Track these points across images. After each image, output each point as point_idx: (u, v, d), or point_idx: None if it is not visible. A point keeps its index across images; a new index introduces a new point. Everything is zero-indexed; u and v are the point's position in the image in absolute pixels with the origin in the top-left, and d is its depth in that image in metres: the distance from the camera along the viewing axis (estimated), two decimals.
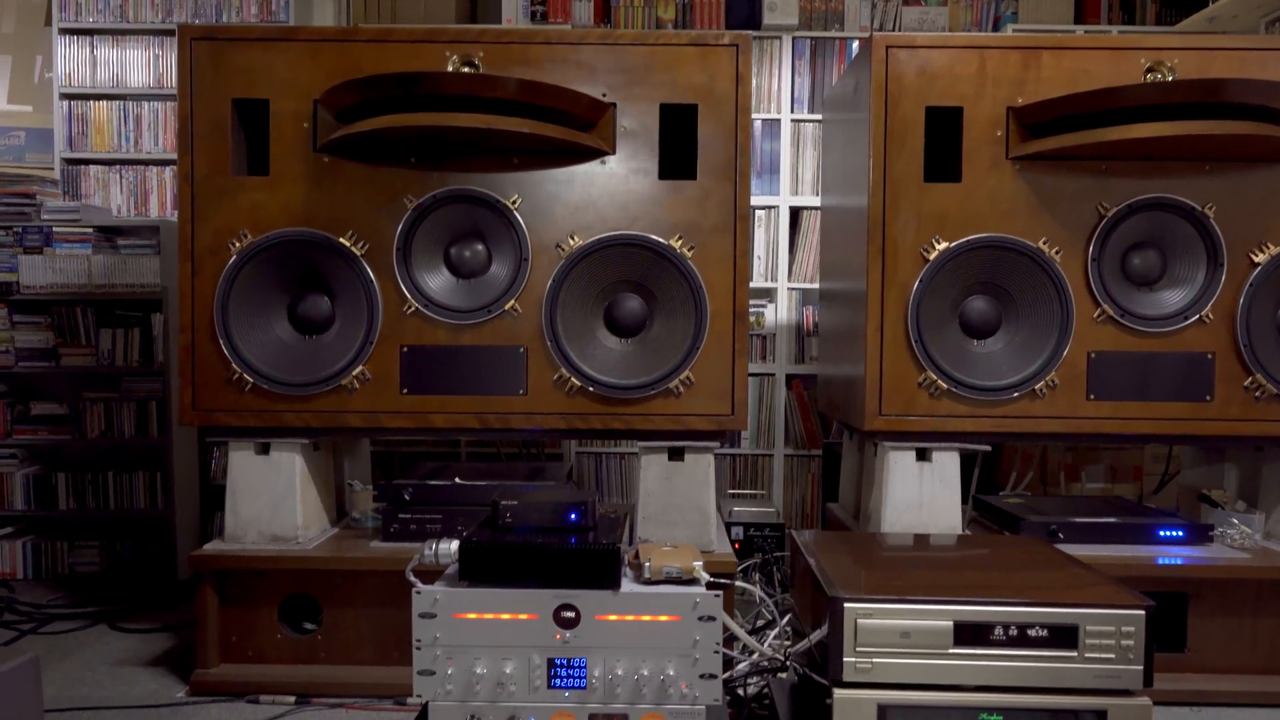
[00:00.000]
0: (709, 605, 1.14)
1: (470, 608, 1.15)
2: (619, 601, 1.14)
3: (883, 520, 1.76)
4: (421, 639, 1.15)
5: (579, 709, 1.15)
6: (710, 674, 1.14)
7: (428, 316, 1.74)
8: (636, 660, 1.14)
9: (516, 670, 1.15)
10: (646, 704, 1.15)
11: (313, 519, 1.85)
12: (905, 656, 1.10)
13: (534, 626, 1.15)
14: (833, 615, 1.11)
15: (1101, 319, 1.74)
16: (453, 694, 1.15)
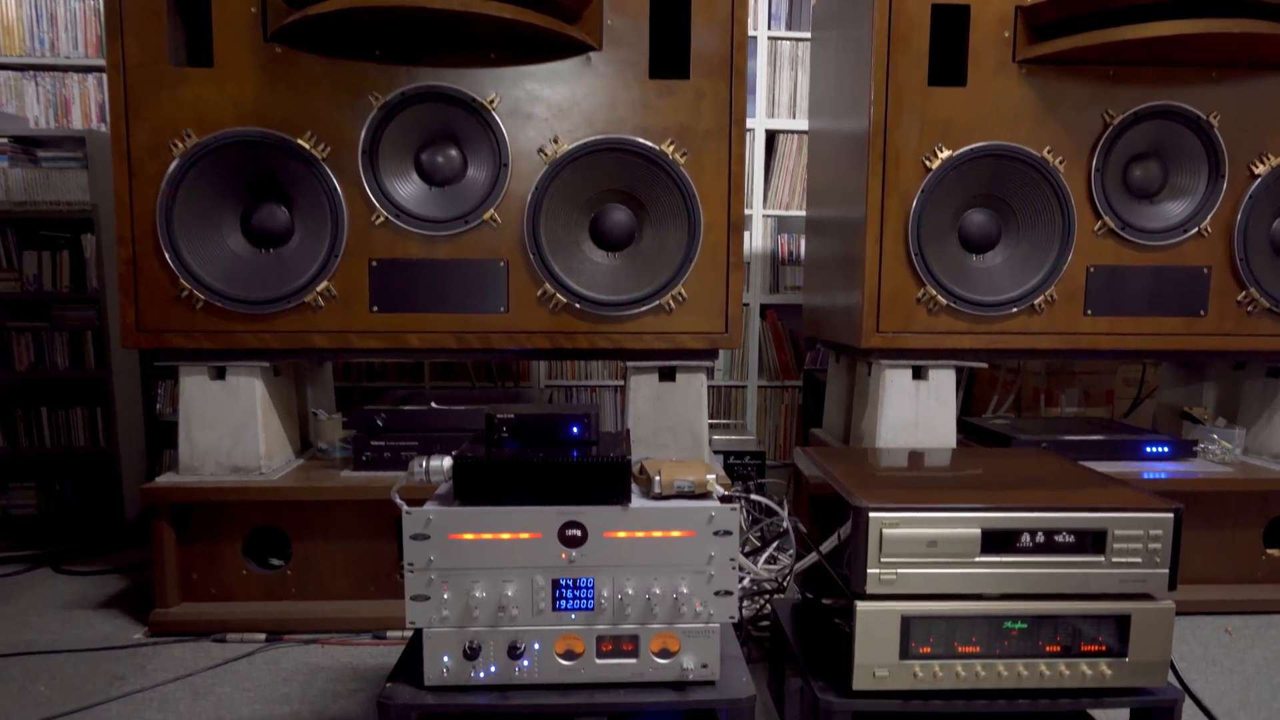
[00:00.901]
0: (725, 519, 1.07)
1: (467, 528, 1.06)
2: (629, 518, 1.07)
3: (877, 440, 1.72)
4: (414, 562, 1.06)
5: (586, 631, 1.08)
6: (726, 591, 1.08)
7: (398, 227, 1.60)
8: (647, 579, 1.07)
9: (518, 593, 1.07)
10: (658, 624, 1.08)
11: (276, 449, 1.72)
12: (931, 566, 1.05)
13: (537, 546, 1.06)
14: (856, 526, 1.05)
15: (1102, 232, 1.69)
16: (449, 620, 1.06)
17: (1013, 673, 1.07)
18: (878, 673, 1.06)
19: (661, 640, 1.09)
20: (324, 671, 1.47)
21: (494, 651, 1.07)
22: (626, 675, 1.09)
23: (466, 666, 1.07)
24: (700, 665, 1.09)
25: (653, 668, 1.09)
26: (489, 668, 1.08)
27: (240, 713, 1.33)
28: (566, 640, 1.08)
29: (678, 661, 1.09)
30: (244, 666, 1.49)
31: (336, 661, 1.51)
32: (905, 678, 1.07)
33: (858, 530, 1.05)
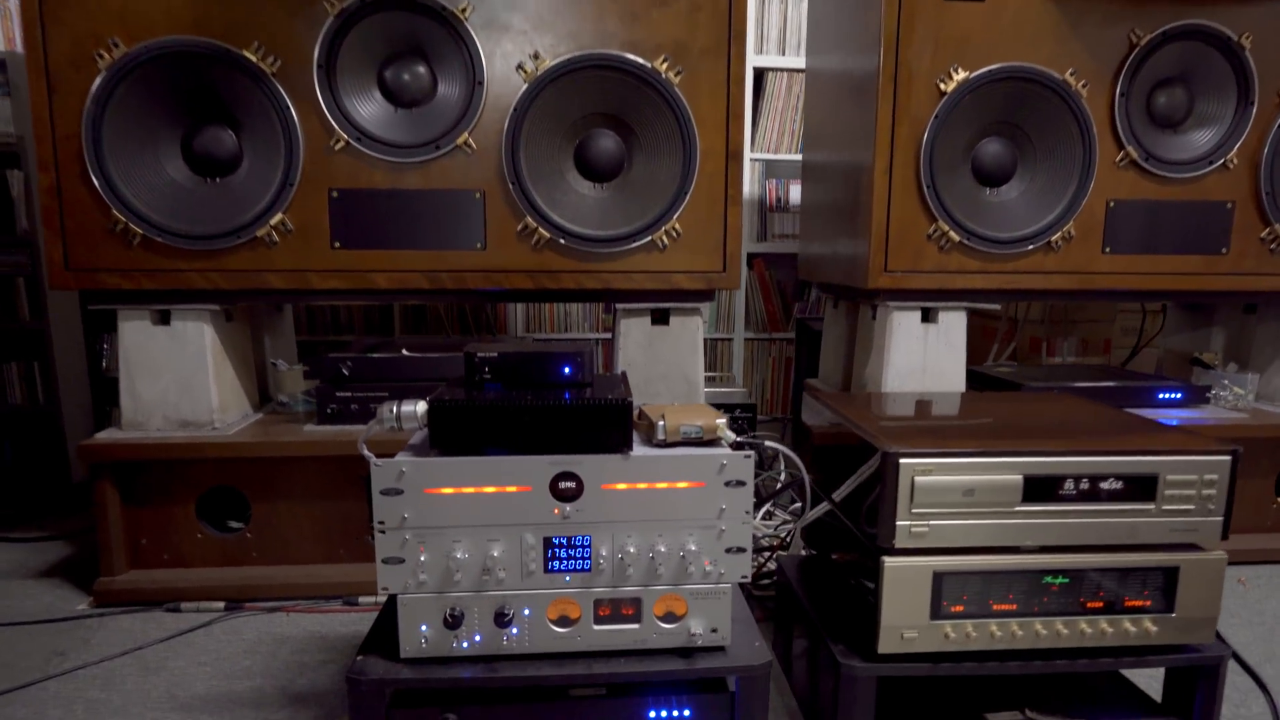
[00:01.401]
0: (738, 468, 0.95)
1: (445, 481, 0.93)
2: (630, 468, 0.94)
3: (883, 388, 1.61)
4: (385, 521, 0.93)
5: (582, 594, 0.96)
6: (738, 547, 0.97)
7: (361, 153, 1.43)
8: (650, 535, 0.96)
9: (505, 554, 0.94)
10: (663, 584, 0.97)
11: (230, 401, 1.56)
12: (966, 517, 0.95)
13: (526, 501, 0.94)
14: (885, 475, 0.94)
15: (1124, 164, 1.58)
16: (427, 584, 0.94)
17: (1051, 631, 0.97)
18: (906, 634, 0.96)
19: (666, 603, 0.98)
20: (290, 642, 1.35)
21: (479, 619, 0.95)
22: (627, 642, 0.98)
23: (448, 636, 0.95)
24: (709, 630, 0.98)
25: (657, 633, 0.98)
26: (473, 637, 0.96)
27: (195, 689, 1.20)
28: (560, 605, 0.97)
29: (684, 626, 0.98)
30: (200, 638, 1.36)
31: (303, 630, 1.39)
32: (935, 639, 0.97)
33: (887, 479, 0.94)
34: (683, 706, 0.99)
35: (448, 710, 0.95)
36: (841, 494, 1.08)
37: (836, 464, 1.12)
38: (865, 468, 0.99)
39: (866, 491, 1.00)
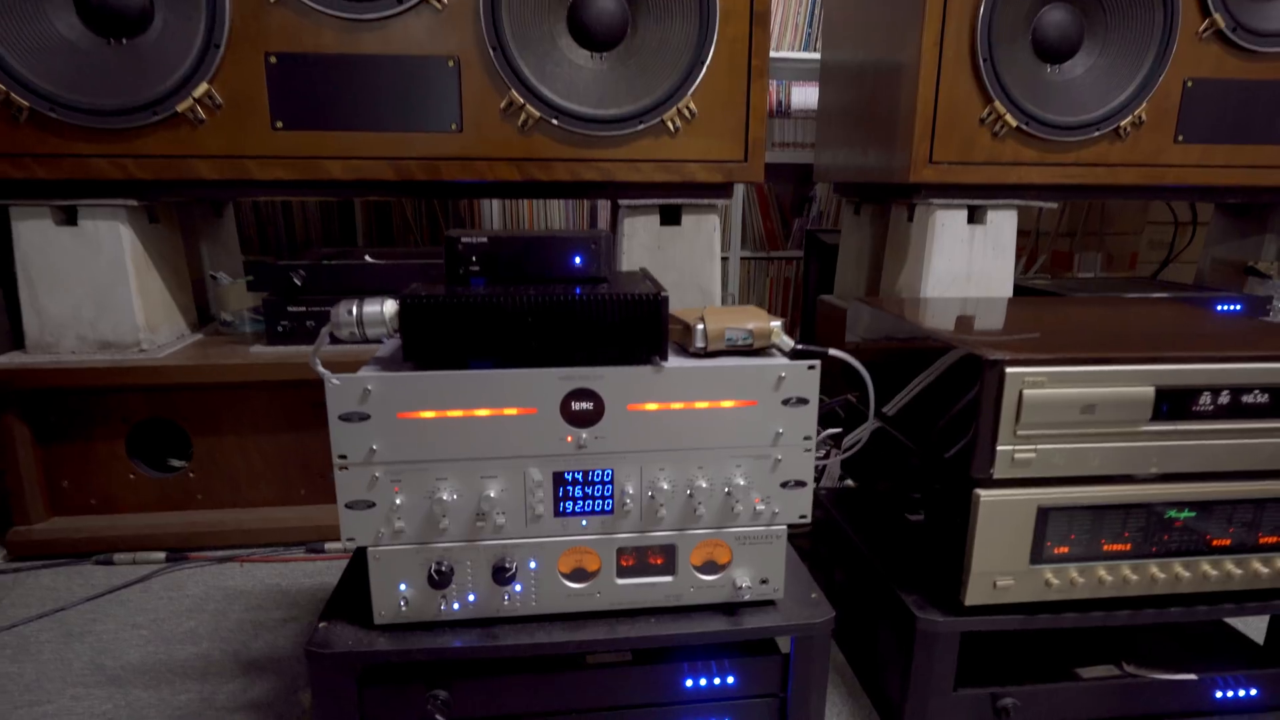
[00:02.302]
0: (800, 382, 0.75)
1: (425, 402, 0.71)
2: (663, 383, 0.74)
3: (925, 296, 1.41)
4: (348, 454, 0.71)
5: (603, 542, 0.77)
6: (798, 481, 0.78)
7: (303, 6, 1.16)
8: (688, 468, 0.76)
9: (505, 494, 0.74)
10: (702, 528, 0.78)
11: (161, 319, 1.32)
12: (1082, 439, 0.76)
13: (531, 427, 0.73)
14: (986, 387, 0.74)
15: (1207, 35, 1.36)
16: (405, 534, 0.73)
17: (1169, 575, 0.81)
18: (999, 583, 0.79)
19: (707, 550, 0.79)
20: (244, 597, 1.15)
21: (472, 575, 0.76)
22: (658, 598, 0.79)
23: (434, 597, 0.75)
24: (758, 580, 0.80)
25: (694, 586, 0.79)
26: (466, 597, 0.76)
27: (128, 657, 1.00)
28: (575, 555, 0.77)
29: (728, 577, 0.79)
30: (135, 596, 1.15)
31: (260, 583, 1.19)
32: (1034, 587, 0.80)
33: (986, 394, 0.75)
34: (725, 673, 0.81)
35: (436, 687, 0.76)
36: (896, 405, 0.89)
37: (893, 379, 0.92)
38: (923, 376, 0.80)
39: (936, 412, 0.81)
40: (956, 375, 0.79)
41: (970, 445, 0.77)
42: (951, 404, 0.80)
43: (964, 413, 0.78)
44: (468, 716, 0.77)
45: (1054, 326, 0.90)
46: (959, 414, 0.79)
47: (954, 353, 0.80)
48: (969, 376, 0.77)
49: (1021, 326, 0.91)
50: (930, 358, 0.84)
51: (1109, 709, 0.87)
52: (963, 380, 0.78)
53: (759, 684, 0.81)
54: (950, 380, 0.81)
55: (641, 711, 0.80)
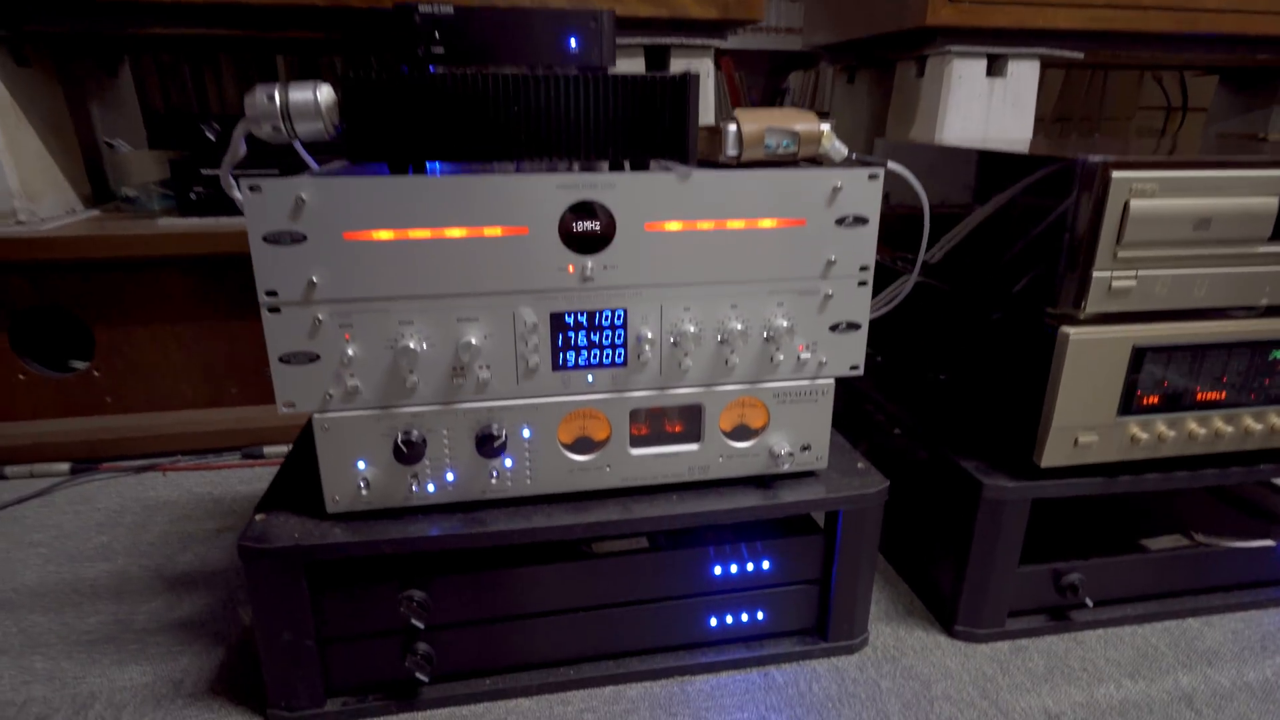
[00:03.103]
0: (859, 195, 0.60)
1: (379, 219, 0.54)
2: (690, 194, 0.57)
3: None
4: (278, 290, 0.54)
5: (613, 403, 0.61)
6: (851, 323, 0.63)
7: None
8: (719, 306, 0.61)
9: (490, 342, 0.58)
10: (734, 383, 0.63)
11: (42, 186, 1.09)
12: (1187, 263, 0.63)
13: (521, 252, 0.56)
14: (1085, 198, 0.60)
15: None
16: (361, 396, 0.57)
17: (1265, 427, 0.70)
18: (1082, 439, 0.67)
19: (739, 411, 0.64)
20: (168, 508, 0.97)
21: (451, 447, 0.60)
22: (680, 471, 0.65)
23: (402, 477, 0.60)
24: (799, 447, 0.66)
25: (724, 455, 0.65)
26: (444, 476, 0.60)
27: (23, 579, 0.83)
28: (579, 420, 0.62)
29: (763, 444, 0.65)
30: (33, 512, 0.97)
31: (187, 493, 1.01)
32: (1119, 444, 0.68)
33: (1083, 207, 0.61)
34: (758, 558, 0.68)
35: (410, 586, 0.61)
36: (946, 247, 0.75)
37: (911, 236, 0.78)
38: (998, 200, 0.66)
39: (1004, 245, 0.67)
40: (1039, 193, 0.65)
41: (1057, 275, 0.63)
42: (1027, 230, 0.66)
43: (1047, 238, 0.64)
44: (450, 620, 0.63)
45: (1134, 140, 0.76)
46: (1039, 240, 0.65)
47: (1038, 165, 0.65)
48: (1057, 190, 0.62)
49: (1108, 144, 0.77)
50: (996, 181, 0.70)
51: (1178, 582, 0.78)
52: (1047, 198, 0.64)
53: (797, 569, 0.69)
54: (1029, 202, 0.66)
55: (659, 606, 0.67)
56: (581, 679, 0.66)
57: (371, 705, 0.63)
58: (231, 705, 0.64)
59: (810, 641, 0.71)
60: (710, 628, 0.68)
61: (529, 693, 0.65)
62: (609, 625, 0.66)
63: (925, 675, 0.69)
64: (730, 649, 0.69)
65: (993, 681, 0.68)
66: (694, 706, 0.64)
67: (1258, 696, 0.67)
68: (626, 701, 0.65)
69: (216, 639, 0.72)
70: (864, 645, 0.72)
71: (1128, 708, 0.66)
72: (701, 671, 0.68)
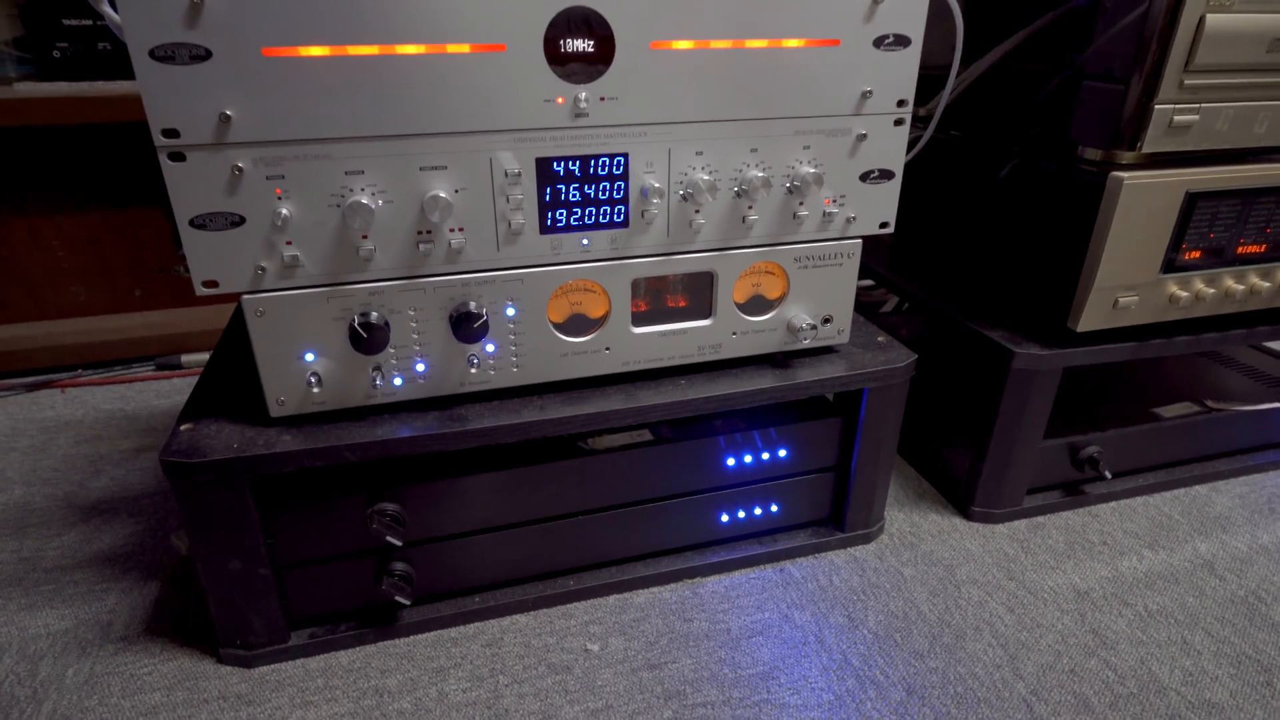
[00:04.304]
0: (903, 8, 0.49)
1: (306, 27, 0.41)
2: (704, 2, 0.46)
3: None
4: (178, 127, 0.41)
5: (613, 271, 0.51)
6: (884, 171, 0.54)
7: None
8: (737, 150, 0.50)
9: (464, 197, 0.46)
10: (752, 244, 0.54)
11: None
12: (1251, 94, 0.56)
13: (496, 78, 0.44)
14: (1155, 10, 0.51)
15: None
16: (304, 269, 0.45)
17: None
18: (1122, 300, 0.61)
19: (754, 279, 0.56)
20: (71, 429, 0.84)
21: (420, 331, 0.49)
22: (688, 351, 0.56)
23: (362, 369, 0.49)
24: (820, 319, 0.58)
25: (737, 331, 0.56)
26: (412, 366, 0.50)
27: None
28: (571, 294, 0.52)
29: (780, 317, 0.57)
30: None
31: (95, 410, 0.87)
32: (1157, 305, 0.62)
33: (1151, 22, 0.52)
34: (774, 445, 0.61)
35: (380, 499, 0.51)
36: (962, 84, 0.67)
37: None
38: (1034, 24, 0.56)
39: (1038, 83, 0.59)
40: (1085, 16, 0.56)
41: (1111, 107, 0.55)
42: (1066, 60, 0.58)
43: (1093, 66, 0.55)
44: (429, 535, 0.54)
45: None
46: (1082, 71, 0.56)
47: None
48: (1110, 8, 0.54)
49: None
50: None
51: (1193, 448, 0.75)
52: (1093, 20, 0.55)
53: (814, 456, 0.62)
54: (1068, 27, 0.57)
55: (666, 505, 0.59)
56: (582, 589, 0.59)
57: (344, 635, 0.54)
58: (176, 647, 0.54)
59: (826, 532, 0.65)
60: (721, 524, 0.62)
61: (525, 608, 0.58)
62: (610, 528, 0.59)
63: (947, 560, 0.65)
64: (742, 545, 0.63)
65: (1016, 562, 0.64)
66: (709, 610, 0.58)
67: (1275, 559, 0.65)
68: (634, 610, 0.58)
69: (147, 572, 0.62)
70: (880, 534, 0.67)
71: (1153, 579, 0.63)
72: (712, 572, 0.62)
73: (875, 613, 0.58)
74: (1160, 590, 0.62)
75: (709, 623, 0.57)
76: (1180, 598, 0.61)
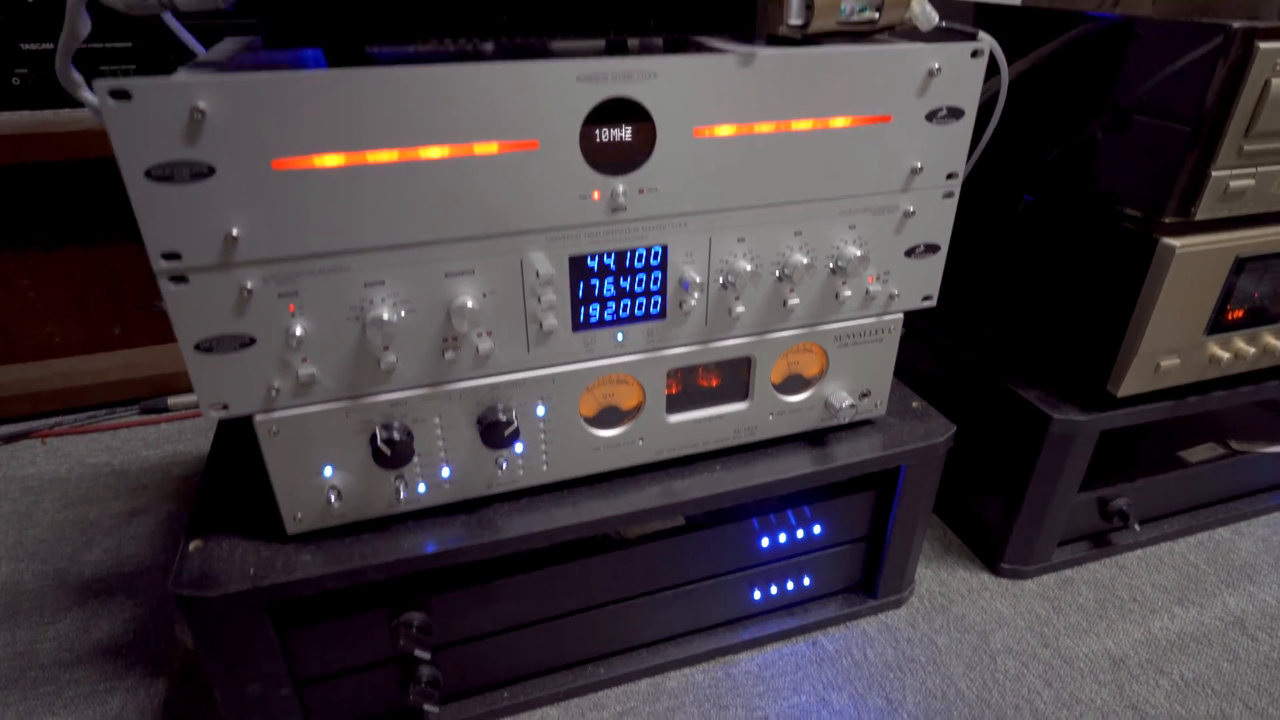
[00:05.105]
0: (959, 80, 0.46)
1: (319, 136, 0.36)
2: (752, 84, 0.42)
3: None
4: (180, 249, 0.37)
5: (649, 364, 0.48)
6: (930, 245, 0.51)
7: None
8: (780, 234, 0.47)
9: (492, 301, 0.43)
10: (792, 327, 0.51)
11: None
12: None
13: (529, 176, 0.40)
14: (1220, 74, 0.49)
15: None
16: (321, 385, 0.41)
17: None
18: (1164, 364, 0.59)
19: (792, 359, 0.53)
20: (55, 488, 0.79)
21: (446, 438, 0.46)
22: (724, 435, 0.53)
23: (384, 480, 0.46)
24: (859, 395, 0.56)
25: (774, 413, 0.54)
26: (438, 472, 0.47)
27: None
28: (603, 388, 0.49)
29: (818, 395, 0.54)
30: None
31: (80, 465, 0.83)
32: (1198, 365, 0.60)
33: (1214, 85, 0.49)
34: (809, 522, 0.58)
35: (406, 609, 0.48)
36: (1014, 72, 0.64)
37: None
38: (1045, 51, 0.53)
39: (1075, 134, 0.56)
40: (1139, 73, 0.53)
41: (1163, 171, 0.52)
42: (1116, 118, 0.55)
43: (1145, 127, 0.53)
44: (456, 639, 0.51)
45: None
46: (1134, 131, 0.53)
47: (1148, 34, 0.52)
48: (1167, 67, 0.51)
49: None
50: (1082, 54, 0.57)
51: (1216, 491, 0.74)
52: (1148, 78, 0.52)
53: (848, 528, 0.60)
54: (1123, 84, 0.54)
55: (698, 587, 0.57)
56: (614, 677, 0.56)
57: None
58: None
59: (858, 600, 0.63)
60: (753, 601, 0.60)
61: (555, 699, 0.55)
62: (642, 614, 0.56)
63: (980, 625, 0.63)
64: (773, 619, 0.61)
65: (1049, 625, 0.63)
66: (744, 694, 0.57)
67: None
68: (668, 696, 0.56)
69: (152, 667, 0.58)
70: (910, 596, 0.66)
71: (1186, 641, 0.62)
72: (745, 649, 0.60)
73: (913, 692, 0.57)
74: (1194, 654, 0.61)
75: (745, 710, 0.55)
76: (1215, 663, 0.60)
